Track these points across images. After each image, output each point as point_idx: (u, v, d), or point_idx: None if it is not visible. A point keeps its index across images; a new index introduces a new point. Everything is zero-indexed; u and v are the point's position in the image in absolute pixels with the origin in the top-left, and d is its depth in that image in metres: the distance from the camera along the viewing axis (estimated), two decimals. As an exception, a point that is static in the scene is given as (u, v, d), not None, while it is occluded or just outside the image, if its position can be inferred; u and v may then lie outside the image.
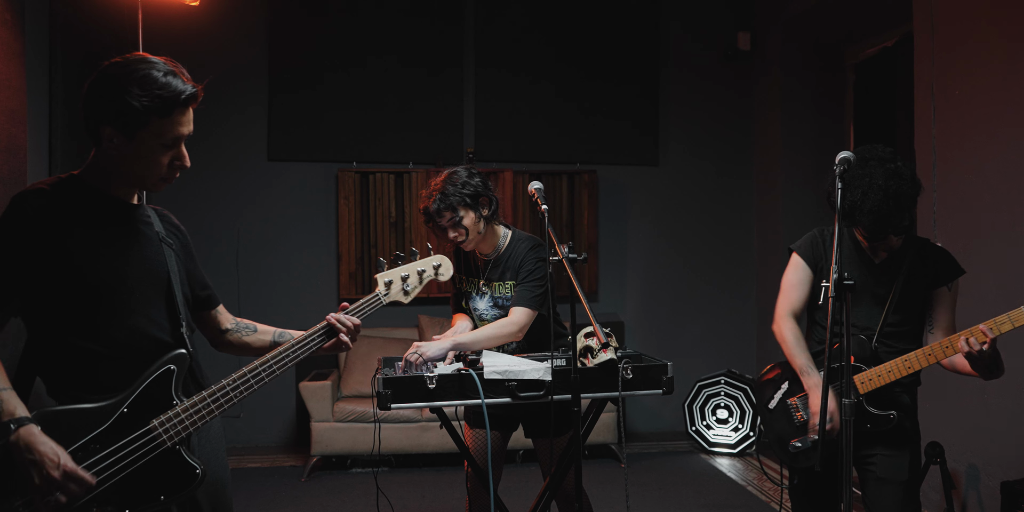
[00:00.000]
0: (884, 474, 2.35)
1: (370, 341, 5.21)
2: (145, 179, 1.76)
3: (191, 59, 6.03)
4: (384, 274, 2.09)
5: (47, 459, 1.53)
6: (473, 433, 2.82)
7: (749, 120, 5.96)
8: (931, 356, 2.23)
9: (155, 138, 1.68)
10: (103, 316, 1.70)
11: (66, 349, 1.68)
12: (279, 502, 4.25)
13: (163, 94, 1.65)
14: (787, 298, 2.51)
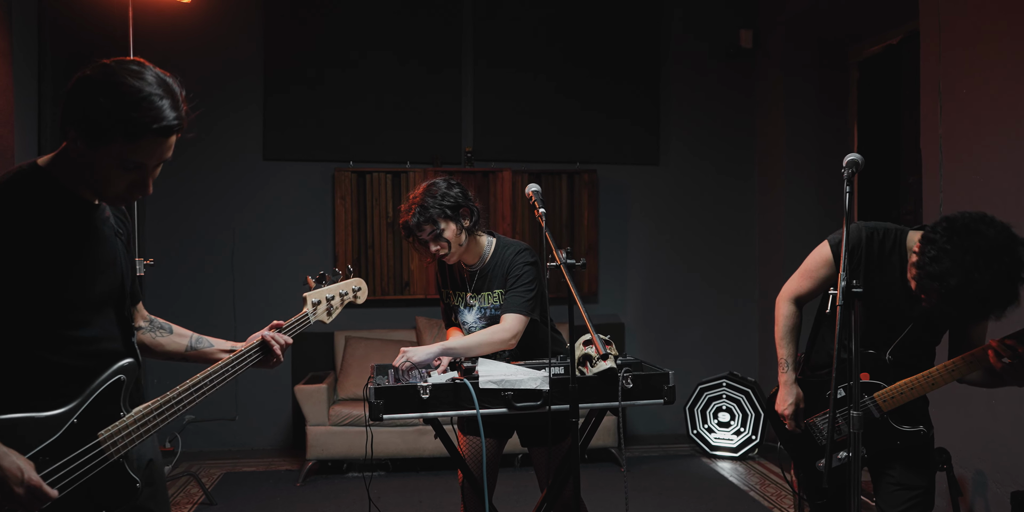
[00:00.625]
0: (903, 479, 2.29)
1: (368, 343, 5.14)
2: (100, 193, 1.60)
3: (183, 57, 5.98)
4: (312, 294, 2.10)
5: (11, 474, 1.45)
6: (467, 440, 2.75)
7: (751, 119, 5.88)
8: (955, 372, 2.15)
9: (115, 158, 1.51)
10: (65, 327, 1.60)
11: (27, 359, 1.57)
12: (274, 507, 4.19)
13: (136, 117, 1.48)
14: (799, 283, 2.40)
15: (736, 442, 5.13)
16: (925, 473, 2.32)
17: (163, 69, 1.61)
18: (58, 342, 1.59)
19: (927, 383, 2.18)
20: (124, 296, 1.74)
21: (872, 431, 2.24)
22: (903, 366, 2.26)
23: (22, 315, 1.55)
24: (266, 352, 1.93)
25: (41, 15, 3.80)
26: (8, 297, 1.52)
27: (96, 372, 1.64)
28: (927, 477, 2.32)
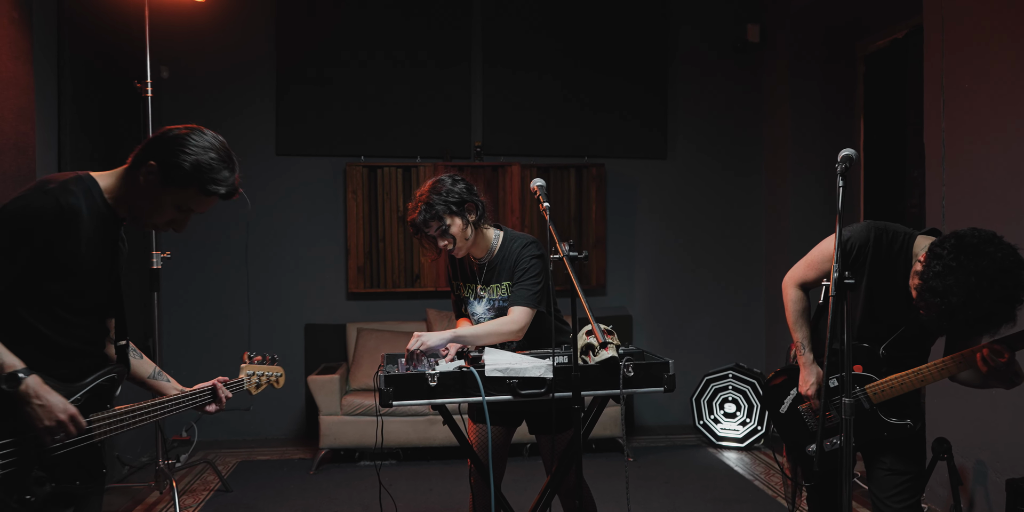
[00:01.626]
0: (894, 465, 2.36)
1: (379, 334, 5.23)
2: (141, 218, 1.93)
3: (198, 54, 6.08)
4: (248, 367, 2.48)
5: (56, 404, 1.75)
6: (476, 428, 2.83)
7: (758, 113, 5.92)
8: (944, 371, 2.21)
9: (177, 198, 1.88)
10: (70, 310, 1.86)
11: (22, 330, 1.80)
12: (288, 494, 4.29)
13: (218, 180, 1.88)
14: (807, 268, 2.44)
15: (742, 433, 5.19)
16: (915, 461, 2.38)
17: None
18: (54, 320, 1.83)
19: (917, 379, 2.24)
20: (121, 302, 2.01)
21: (861, 421, 2.31)
22: (896, 361, 2.32)
23: (37, 293, 1.80)
24: (214, 397, 2.24)
25: (60, 14, 3.89)
26: (33, 274, 1.77)
27: (84, 356, 1.92)
28: (917, 464, 2.38)
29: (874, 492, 2.40)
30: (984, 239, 2.03)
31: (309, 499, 4.22)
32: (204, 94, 5.38)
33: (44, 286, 1.79)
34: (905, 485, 2.34)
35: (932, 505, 3.87)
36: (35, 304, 1.80)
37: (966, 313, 2.00)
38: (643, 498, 4.20)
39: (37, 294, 1.80)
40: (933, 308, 2.05)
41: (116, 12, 4.23)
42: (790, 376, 2.54)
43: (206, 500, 4.21)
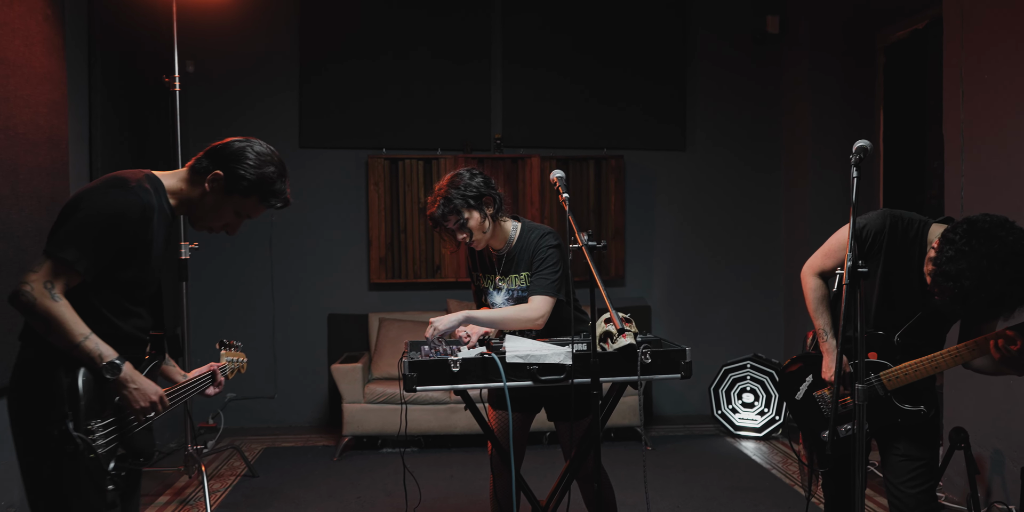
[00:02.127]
0: (908, 451, 2.40)
1: (400, 324, 5.32)
2: (198, 220, 2.11)
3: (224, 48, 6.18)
4: (227, 353, 2.56)
5: (148, 387, 1.94)
6: (497, 415, 2.90)
7: (778, 104, 5.93)
8: (958, 358, 2.25)
9: (237, 205, 2.08)
10: (134, 302, 2.02)
11: (95, 317, 1.92)
12: (312, 480, 4.39)
13: (276, 191, 2.09)
14: (825, 258, 2.48)
15: (760, 422, 5.23)
16: (929, 447, 2.41)
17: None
18: (121, 310, 1.99)
19: (931, 366, 2.28)
20: (156, 293, 2.15)
21: (875, 407, 2.35)
22: (911, 349, 2.35)
23: (111, 281, 1.93)
24: (213, 380, 2.36)
25: (90, 10, 3.99)
26: (112, 265, 1.91)
27: (141, 342, 2.07)
28: (931, 450, 2.42)
29: (888, 478, 2.44)
30: (996, 223, 2.06)
31: (333, 484, 4.32)
32: (228, 88, 5.48)
33: (117, 275, 1.93)
34: (919, 470, 2.37)
35: (950, 494, 3.89)
36: (106, 292, 1.93)
37: (979, 296, 2.03)
38: (661, 485, 4.26)
39: (110, 283, 1.93)
40: (946, 292, 2.08)
41: (143, 8, 4.32)
42: (806, 363, 2.58)
43: (233, 485, 4.32)
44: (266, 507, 3.97)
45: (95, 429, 1.86)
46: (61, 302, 1.83)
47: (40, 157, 3.38)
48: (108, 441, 1.90)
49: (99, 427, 1.87)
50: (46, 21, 3.44)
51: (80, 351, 1.84)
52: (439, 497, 4.05)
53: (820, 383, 2.51)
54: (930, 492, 2.39)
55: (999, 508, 3.61)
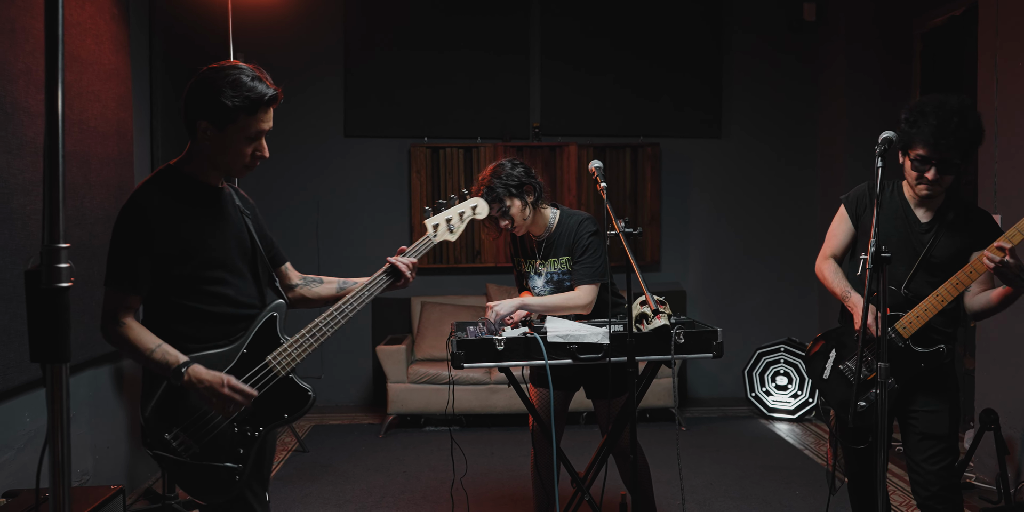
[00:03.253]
0: (925, 429, 2.51)
1: (441, 308, 5.50)
2: (231, 167, 2.05)
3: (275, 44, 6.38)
4: (431, 219, 2.40)
5: (215, 383, 1.94)
6: (538, 392, 3.06)
7: (814, 91, 5.97)
8: (959, 285, 2.37)
9: (241, 132, 1.98)
10: (210, 283, 2.03)
11: (178, 310, 2.01)
12: (360, 455, 4.61)
13: (251, 95, 1.96)
14: (828, 244, 2.75)
15: (793, 405, 5.34)
16: (946, 427, 2.49)
17: (253, 63, 2.09)
18: (203, 294, 2.02)
19: (937, 301, 2.41)
20: (257, 260, 2.17)
21: (898, 360, 2.46)
22: (916, 300, 2.48)
23: (169, 273, 1.98)
24: (394, 275, 2.26)
25: (151, 8, 4.20)
26: (164, 266, 1.97)
27: (241, 318, 2.08)
28: (950, 430, 2.50)
29: (910, 456, 2.55)
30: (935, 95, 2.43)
31: (380, 459, 4.53)
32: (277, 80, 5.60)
33: (175, 271, 1.97)
34: (937, 448, 2.48)
35: (980, 475, 3.98)
36: (180, 288, 1.99)
37: (943, 115, 2.32)
38: (694, 464, 4.40)
39: (176, 280, 1.98)
40: (922, 139, 2.36)
41: (199, 5, 4.52)
42: (827, 340, 2.70)
43: (285, 459, 4.56)
44: (317, 479, 4.19)
45: (173, 437, 1.98)
46: (125, 326, 1.94)
47: (109, 148, 3.60)
48: (197, 442, 1.99)
49: (178, 435, 1.98)
50: (113, 20, 3.65)
51: (153, 364, 1.94)
52: (481, 472, 4.24)
53: (844, 355, 2.62)
54: (949, 468, 2.50)
55: (1027, 488, 3.69)
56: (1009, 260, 2.24)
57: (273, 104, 2.02)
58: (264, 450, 2.13)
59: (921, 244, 2.50)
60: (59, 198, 1.48)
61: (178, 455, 1.97)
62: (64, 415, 1.46)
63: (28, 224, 2.92)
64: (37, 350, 1.48)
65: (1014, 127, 3.83)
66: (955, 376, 2.58)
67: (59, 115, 1.46)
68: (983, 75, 4.07)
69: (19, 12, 2.90)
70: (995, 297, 2.44)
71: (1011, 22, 3.85)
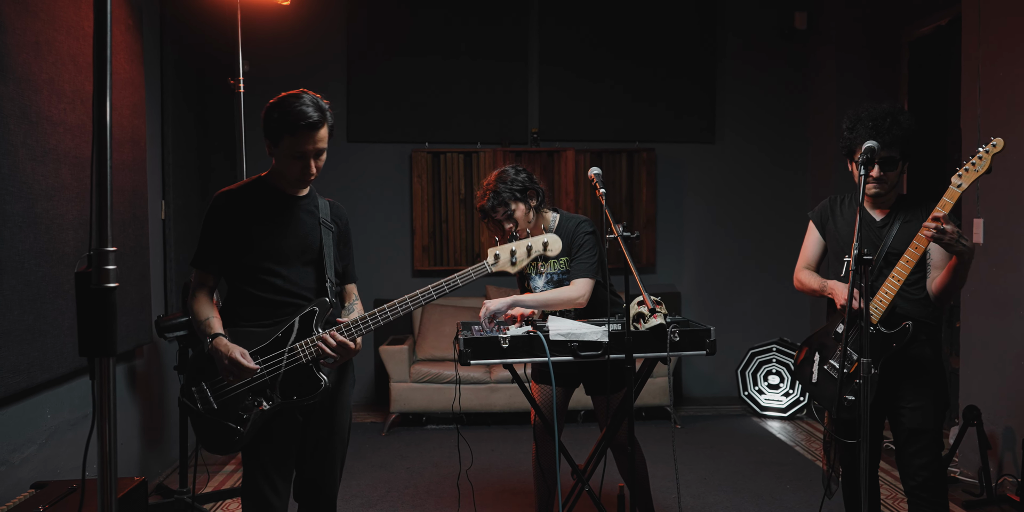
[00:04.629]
0: (911, 425, 2.64)
1: (443, 309, 5.63)
2: (288, 180, 2.36)
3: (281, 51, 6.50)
4: (496, 248, 2.47)
5: (220, 355, 2.27)
6: (540, 388, 3.20)
7: (805, 98, 6.13)
8: (908, 262, 2.50)
9: (286, 150, 2.27)
10: (263, 272, 2.35)
11: (239, 293, 2.38)
12: (364, 452, 4.74)
13: (289, 119, 2.22)
14: (802, 256, 2.97)
15: (785, 403, 5.48)
16: (932, 420, 2.62)
17: (315, 92, 2.37)
18: (256, 281, 2.37)
19: (895, 281, 2.53)
20: (324, 263, 2.44)
21: (872, 346, 2.54)
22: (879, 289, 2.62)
23: (234, 262, 2.37)
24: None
25: (162, 19, 4.33)
26: (229, 251, 2.35)
27: (285, 305, 2.37)
28: (935, 424, 2.62)
29: (899, 449, 2.68)
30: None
31: (384, 456, 4.66)
32: (282, 86, 5.76)
33: (243, 261, 2.34)
34: (923, 442, 2.61)
35: (964, 469, 4.12)
36: (242, 275, 2.36)
37: (879, 113, 2.61)
38: (689, 460, 4.54)
39: (240, 267, 2.36)
40: (861, 136, 2.61)
41: (210, 16, 4.65)
42: (810, 345, 2.83)
43: (292, 456, 4.68)
44: (324, 475, 4.32)
45: (198, 390, 2.36)
46: (195, 298, 2.39)
47: (124, 154, 3.73)
48: (215, 397, 2.34)
49: (202, 389, 2.36)
50: (128, 31, 3.78)
51: (200, 332, 2.35)
52: (482, 467, 4.37)
53: (826, 355, 2.76)
54: (936, 460, 2.63)
55: (1009, 481, 3.84)
56: (946, 227, 2.37)
57: (316, 129, 2.24)
58: (284, 436, 2.39)
59: (879, 238, 2.68)
60: (107, 204, 1.63)
61: (195, 405, 2.34)
62: (112, 406, 1.59)
63: (51, 228, 3.04)
64: (86, 345, 1.61)
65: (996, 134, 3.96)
66: (940, 371, 2.69)
67: (107, 128, 1.61)
68: (967, 84, 4.23)
69: (43, 26, 3.03)
70: (946, 271, 2.56)
71: (993, 33, 4.00)
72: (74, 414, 3.32)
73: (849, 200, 2.85)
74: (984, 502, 3.75)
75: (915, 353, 2.63)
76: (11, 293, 2.77)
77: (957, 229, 2.40)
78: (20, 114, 2.86)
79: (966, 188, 2.43)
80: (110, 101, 1.61)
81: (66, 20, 3.21)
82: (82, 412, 3.37)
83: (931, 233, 2.39)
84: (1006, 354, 3.92)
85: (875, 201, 2.73)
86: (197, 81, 4.80)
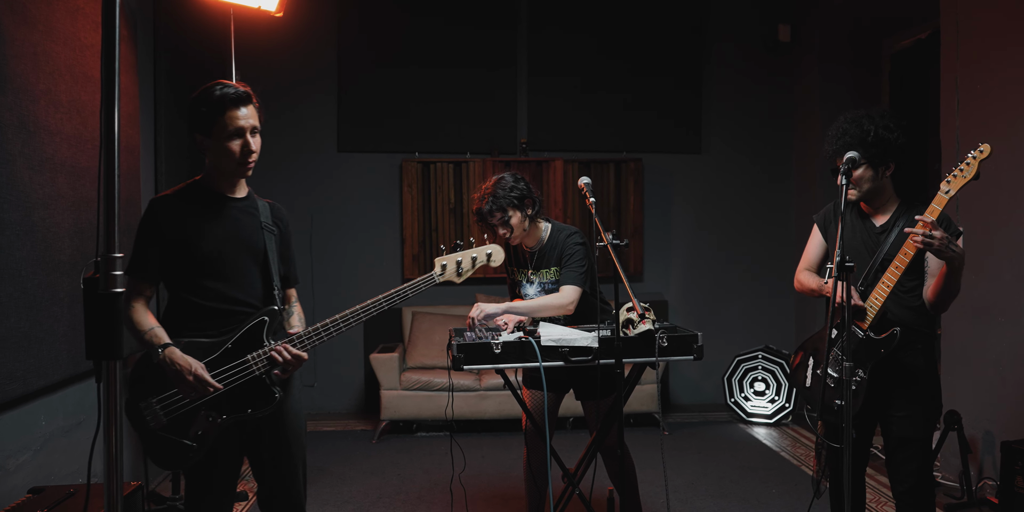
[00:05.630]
0: (900, 433, 2.68)
1: (432, 317, 5.68)
2: (229, 168, 2.30)
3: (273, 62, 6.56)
4: (441, 258, 2.54)
5: (184, 366, 2.18)
6: (531, 393, 3.25)
7: (789, 109, 6.24)
8: (898, 268, 2.52)
9: (221, 132, 2.24)
10: (206, 278, 2.28)
11: (181, 302, 2.29)
12: (355, 460, 4.77)
13: (217, 98, 2.23)
14: (804, 258, 2.97)
15: (771, 410, 5.56)
16: (922, 429, 2.66)
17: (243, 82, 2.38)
18: (199, 289, 2.28)
19: (884, 286, 2.56)
20: (270, 269, 2.39)
21: (860, 351, 2.61)
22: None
23: (174, 270, 2.28)
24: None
25: (156, 29, 4.37)
26: (168, 258, 2.26)
27: (232, 314, 2.30)
28: (925, 432, 2.66)
29: (888, 455, 2.74)
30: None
31: (375, 463, 4.69)
32: (272, 96, 5.85)
33: (184, 268, 2.26)
34: (911, 450, 2.66)
35: (945, 473, 4.20)
36: (183, 283, 2.29)
37: (835, 127, 2.68)
38: (677, 465, 4.59)
39: (180, 275, 2.28)
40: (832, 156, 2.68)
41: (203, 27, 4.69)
42: (804, 351, 2.90)
43: (283, 463, 4.70)
44: (314, 482, 4.34)
45: (145, 406, 2.24)
46: (132, 308, 2.25)
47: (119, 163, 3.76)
48: (164, 413, 2.23)
49: (153, 403, 2.24)
50: (123, 41, 3.81)
51: (144, 343, 2.22)
52: (473, 473, 4.40)
53: (820, 361, 2.81)
54: (923, 467, 2.66)
55: (989, 484, 3.92)
56: (934, 233, 2.38)
57: (243, 103, 2.25)
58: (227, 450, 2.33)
59: (876, 244, 2.70)
60: (115, 212, 1.67)
61: (146, 423, 2.22)
62: (119, 407, 1.63)
63: (47, 237, 3.08)
64: (93, 348, 1.66)
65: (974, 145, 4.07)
66: (932, 380, 2.71)
67: (115, 140, 1.67)
68: (945, 96, 4.33)
69: (41, 37, 3.08)
70: (938, 278, 2.56)
71: (970, 48, 4.11)
72: (68, 421, 3.34)
73: (854, 205, 2.84)
74: (965, 505, 3.83)
75: (907, 361, 2.65)
76: (8, 300, 2.80)
77: (947, 235, 2.40)
78: (18, 124, 2.90)
79: (954, 194, 2.44)
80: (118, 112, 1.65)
81: (63, 31, 3.26)
82: (75, 419, 3.39)
83: (919, 239, 2.39)
84: (985, 360, 4.00)
85: (873, 207, 2.74)
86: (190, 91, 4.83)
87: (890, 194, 2.76)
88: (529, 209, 3.09)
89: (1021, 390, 3.81)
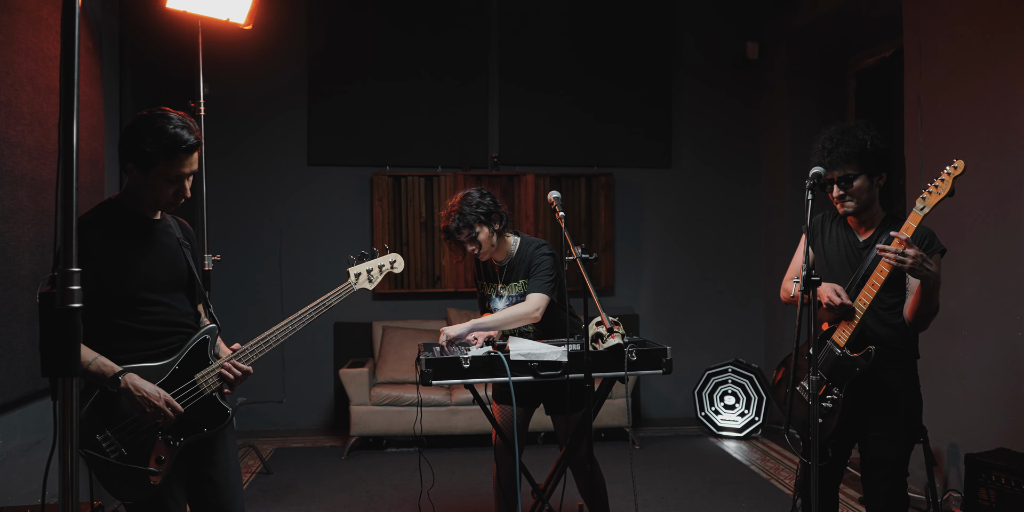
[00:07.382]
0: (875, 453, 2.67)
1: (403, 332, 5.64)
2: (156, 203, 2.26)
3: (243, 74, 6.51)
4: (354, 267, 2.68)
5: (153, 393, 2.15)
6: (501, 408, 3.23)
7: (757, 125, 6.32)
8: (874, 285, 2.51)
9: (161, 175, 2.17)
10: (138, 303, 2.21)
11: (109, 327, 2.18)
12: (323, 476, 4.70)
13: (168, 143, 2.14)
14: (791, 267, 2.94)
15: (740, 423, 5.58)
16: (898, 450, 2.65)
17: (185, 113, 2.28)
18: (133, 313, 2.21)
19: (862, 303, 2.55)
20: (194, 287, 2.37)
21: (837, 369, 2.61)
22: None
23: (105, 295, 2.16)
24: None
25: (122, 42, 4.33)
26: (95, 284, 2.12)
27: (168, 335, 2.26)
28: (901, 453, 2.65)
29: (863, 474, 2.73)
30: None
31: (344, 480, 4.63)
32: (241, 109, 5.82)
33: (110, 293, 2.16)
34: (885, 471, 2.66)
35: (912, 485, 4.23)
36: (115, 308, 2.18)
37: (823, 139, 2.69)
38: (648, 480, 4.59)
39: (111, 301, 2.17)
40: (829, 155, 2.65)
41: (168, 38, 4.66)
42: (786, 367, 2.89)
43: (250, 480, 4.63)
44: (282, 500, 4.28)
45: (101, 440, 2.13)
46: None
47: (82, 177, 3.71)
48: (124, 445, 2.15)
49: (108, 437, 2.14)
50: (87, 53, 3.78)
51: (89, 375, 2.12)
52: (443, 490, 4.36)
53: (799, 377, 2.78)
54: (896, 487, 2.66)
55: (955, 496, 3.96)
56: (907, 251, 2.36)
57: (193, 151, 2.20)
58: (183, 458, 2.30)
59: (859, 259, 2.67)
60: (72, 226, 1.64)
61: (105, 455, 2.14)
62: (75, 426, 1.58)
63: (7, 250, 3.01)
64: (49, 365, 1.61)
65: (936, 162, 4.15)
66: (911, 400, 2.71)
67: (74, 153, 1.64)
68: (909, 112, 4.41)
69: (1, 48, 3.03)
70: (914, 296, 2.54)
71: (931, 66, 4.19)
72: (26, 440, 3.25)
73: (841, 218, 2.79)
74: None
75: (886, 380, 2.64)
76: (-35, 316, 2.74)
77: (920, 253, 2.38)
78: (-22, 135, 2.84)
79: (928, 211, 2.43)
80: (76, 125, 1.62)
81: (25, 42, 3.21)
82: (34, 438, 3.31)
83: (892, 257, 2.37)
84: (949, 374, 4.06)
85: (859, 221, 2.71)
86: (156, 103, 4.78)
87: (877, 208, 2.73)
88: (496, 224, 3.09)
89: (985, 403, 3.86)
